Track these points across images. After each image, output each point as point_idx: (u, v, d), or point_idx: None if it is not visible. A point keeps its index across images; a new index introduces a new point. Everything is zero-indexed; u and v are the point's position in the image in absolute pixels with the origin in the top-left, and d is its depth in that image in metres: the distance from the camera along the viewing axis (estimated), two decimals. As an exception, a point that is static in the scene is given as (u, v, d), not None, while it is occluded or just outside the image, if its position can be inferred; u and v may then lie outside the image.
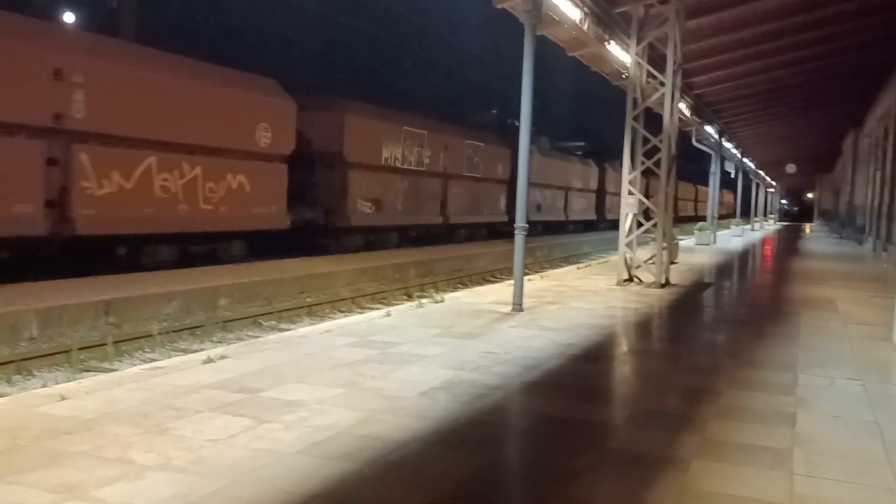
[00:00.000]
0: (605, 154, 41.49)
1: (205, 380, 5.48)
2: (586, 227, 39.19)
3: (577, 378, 6.03)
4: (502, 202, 28.97)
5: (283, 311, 12.27)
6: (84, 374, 7.98)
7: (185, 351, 9.26)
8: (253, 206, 16.18)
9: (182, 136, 14.35)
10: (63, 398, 4.89)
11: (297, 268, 15.32)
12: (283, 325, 11.44)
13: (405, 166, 22.21)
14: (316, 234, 19.19)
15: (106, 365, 8.64)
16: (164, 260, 14.45)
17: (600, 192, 41.01)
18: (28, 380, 8.13)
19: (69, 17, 20.56)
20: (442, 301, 10.05)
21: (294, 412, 4.73)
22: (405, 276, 17.60)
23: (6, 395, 5.45)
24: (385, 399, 5.11)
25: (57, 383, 6.20)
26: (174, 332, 10.39)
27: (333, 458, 3.95)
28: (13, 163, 11.42)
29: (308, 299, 13.65)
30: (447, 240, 25.30)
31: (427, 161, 23.50)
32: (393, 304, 12.04)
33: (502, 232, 26.69)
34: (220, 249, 16.01)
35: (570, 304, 10.22)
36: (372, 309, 12.49)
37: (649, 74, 12.76)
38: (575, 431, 4.59)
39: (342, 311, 12.94)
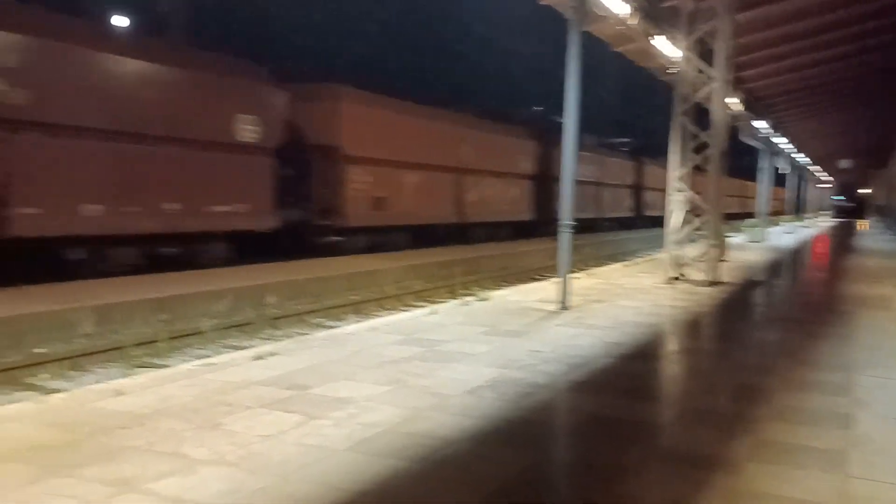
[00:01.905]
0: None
1: (255, 376, 5.56)
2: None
3: (624, 376, 5.97)
4: (628, 201, 38.29)
5: (330, 308, 12.39)
6: (138, 370, 8.17)
7: (236, 348, 9.39)
8: (518, 206, 27.08)
9: (496, 167, 25.02)
10: (118, 394, 5.01)
11: (345, 266, 15.47)
12: (329, 323, 11.54)
13: (581, 179, 28.78)
14: (539, 225, 27.57)
15: (159, 361, 8.82)
16: (480, 236, 24.35)
17: None
18: (83, 376, 8.35)
19: (121, 21, 21.05)
20: (488, 299, 10.04)
21: (343, 409, 4.78)
22: (451, 274, 17.62)
23: (63, 391, 5.60)
24: (432, 396, 5.12)
25: (111, 379, 6.35)
26: (224, 328, 10.56)
27: (382, 455, 3.98)
28: (443, 187, 22.24)
29: (354, 297, 13.75)
30: (599, 229, 33.04)
31: (588, 174, 32.32)
32: (438, 302, 12.06)
33: (627, 224, 37.12)
34: (499, 233, 25.80)
35: (616, 302, 10.12)
36: (418, 307, 12.53)
37: (698, 69, 12.55)
38: (622, 430, 4.55)
39: (387, 309, 13.00)
